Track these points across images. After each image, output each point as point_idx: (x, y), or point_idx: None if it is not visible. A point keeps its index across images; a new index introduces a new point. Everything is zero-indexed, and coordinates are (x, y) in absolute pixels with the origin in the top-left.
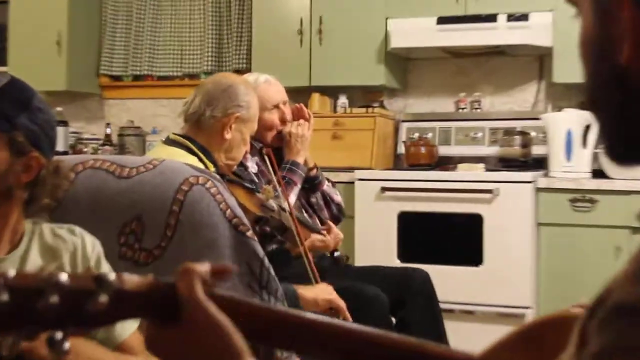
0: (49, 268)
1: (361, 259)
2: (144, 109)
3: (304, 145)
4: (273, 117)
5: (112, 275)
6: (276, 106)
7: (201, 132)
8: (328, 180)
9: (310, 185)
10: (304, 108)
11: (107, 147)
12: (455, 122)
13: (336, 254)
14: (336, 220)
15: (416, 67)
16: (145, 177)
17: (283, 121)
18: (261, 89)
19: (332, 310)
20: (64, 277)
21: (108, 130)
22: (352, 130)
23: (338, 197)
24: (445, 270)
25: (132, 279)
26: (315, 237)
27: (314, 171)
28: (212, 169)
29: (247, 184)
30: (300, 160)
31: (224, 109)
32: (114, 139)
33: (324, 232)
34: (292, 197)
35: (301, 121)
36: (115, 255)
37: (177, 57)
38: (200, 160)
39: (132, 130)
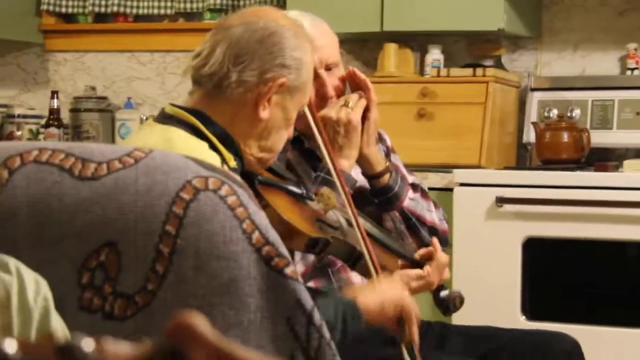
0: None
1: (464, 314)
2: (112, 69)
3: (351, 139)
4: None
5: (87, 344)
6: (313, 72)
7: (221, 104)
8: (415, 187)
9: (381, 201)
10: (358, 73)
11: (53, 130)
12: (621, 91)
13: (442, 293)
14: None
15: (557, 0)
16: (122, 178)
17: (323, 96)
18: None
19: (401, 322)
20: (10, 346)
21: (54, 103)
22: (449, 105)
23: (432, 216)
24: (605, 336)
25: (121, 351)
26: (408, 272)
27: (387, 178)
28: (233, 163)
29: (292, 187)
30: (343, 164)
31: (260, 71)
32: (65, 116)
33: (422, 258)
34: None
35: (351, 97)
36: (73, 303)
37: None
38: (214, 148)
39: (93, 103)
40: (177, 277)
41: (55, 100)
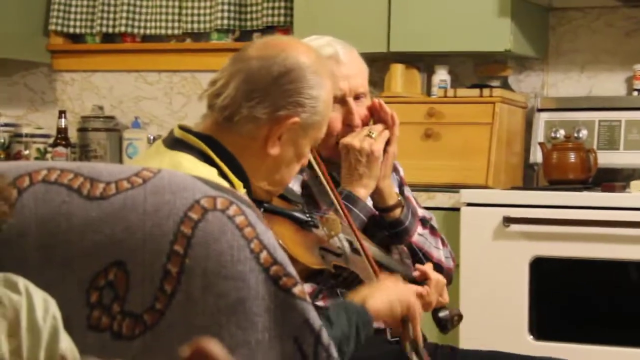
0: None
1: (470, 337)
2: (119, 88)
3: (371, 170)
4: (331, 115)
5: None
6: (340, 99)
7: (231, 136)
8: (424, 223)
9: (390, 234)
10: (385, 107)
11: (60, 149)
12: (628, 111)
13: (442, 314)
14: None
15: (563, 22)
16: (131, 198)
17: (349, 124)
18: None
19: (405, 321)
20: None
21: (62, 122)
22: (456, 125)
23: (439, 254)
24: (613, 356)
25: None
26: (409, 287)
27: (398, 212)
28: (242, 190)
29: (297, 214)
30: (361, 192)
31: (273, 109)
32: (72, 135)
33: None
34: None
35: (375, 128)
36: (82, 323)
37: (173, 6)
38: (223, 175)
39: (100, 122)
40: (185, 296)
41: (63, 119)
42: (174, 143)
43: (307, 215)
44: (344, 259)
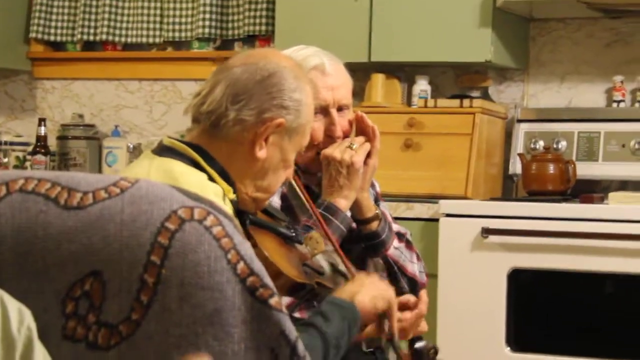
0: None
1: (448, 347)
2: (100, 97)
3: (351, 181)
4: (314, 125)
5: None
6: (323, 109)
7: (218, 142)
8: (400, 237)
9: (368, 246)
10: (367, 120)
11: (39, 157)
12: (607, 123)
13: (418, 344)
14: None
15: (544, 32)
16: (108, 208)
17: (331, 135)
18: None
19: (382, 316)
20: None
21: (42, 130)
22: (436, 135)
23: (413, 268)
24: None
25: None
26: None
27: (375, 224)
28: (232, 196)
29: (282, 229)
30: (341, 203)
31: (259, 111)
32: (52, 143)
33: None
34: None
35: (357, 140)
36: (57, 333)
37: (154, 15)
38: (212, 180)
39: (80, 130)
40: (161, 307)
41: (43, 127)
42: (163, 150)
43: (292, 231)
44: (325, 279)
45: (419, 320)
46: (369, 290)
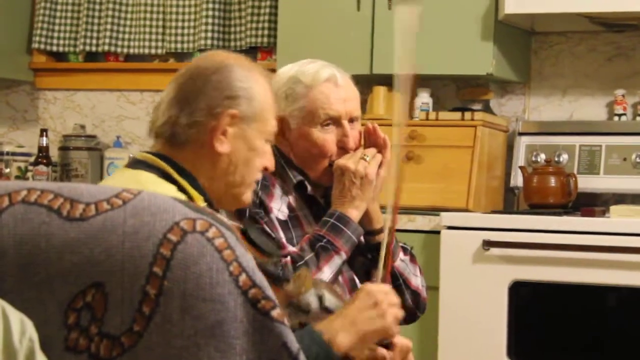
0: None
1: (449, 359)
2: (102, 108)
3: (364, 192)
4: (326, 137)
5: None
6: (336, 121)
7: (181, 151)
8: (405, 250)
9: (374, 257)
10: (379, 131)
11: (41, 168)
12: (608, 136)
13: None
14: (410, 315)
15: (545, 46)
16: (110, 219)
17: (343, 146)
18: (317, 91)
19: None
20: None
21: (44, 141)
22: (437, 148)
23: (417, 281)
24: None
25: None
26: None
27: (382, 236)
28: (202, 204)
29: (269, 268)
30: (353, 214)
31: (209, 108)
32: (53, 154)
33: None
34: (327, 272)
35: (369, 151)
36: (59, 344)
37: (157, 26)
38: (182, 190)
39: (82, 141)
40: (163, 318)
41: (45, 138)
42: (135, 163)
43: (279, 268)
44: (311, 317)
45: (404, 354)
46: (355, 329)
